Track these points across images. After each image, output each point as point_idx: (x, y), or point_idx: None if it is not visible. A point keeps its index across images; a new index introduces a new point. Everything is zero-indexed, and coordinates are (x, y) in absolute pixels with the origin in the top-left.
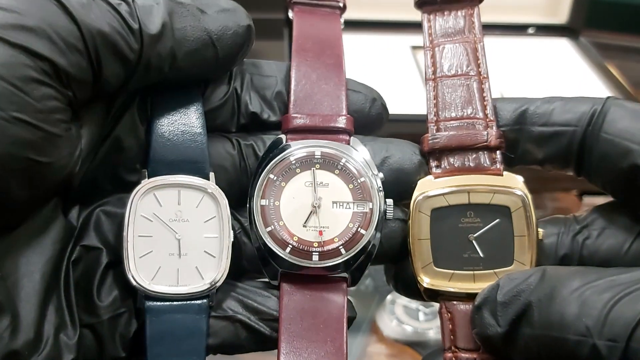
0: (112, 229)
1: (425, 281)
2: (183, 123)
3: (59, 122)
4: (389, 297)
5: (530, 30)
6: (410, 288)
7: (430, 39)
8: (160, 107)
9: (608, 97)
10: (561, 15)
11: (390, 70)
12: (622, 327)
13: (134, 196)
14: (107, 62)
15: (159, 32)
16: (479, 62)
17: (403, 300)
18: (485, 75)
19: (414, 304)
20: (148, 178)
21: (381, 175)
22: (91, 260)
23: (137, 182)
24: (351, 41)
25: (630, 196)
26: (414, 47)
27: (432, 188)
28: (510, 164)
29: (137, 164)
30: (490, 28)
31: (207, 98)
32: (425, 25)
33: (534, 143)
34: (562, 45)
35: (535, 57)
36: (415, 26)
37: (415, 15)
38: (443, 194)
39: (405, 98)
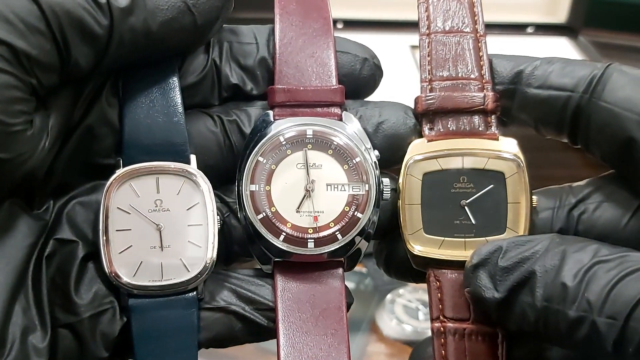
0: (89, 219)
1: (416, 249)
2: (158, 103)
3: (19, 114)
4: (388, 296)
5: (530, 30)
6: (402, 270)
7: None
8: (132, 86)
9: (610, 63)
10: (560, 14)
11: (389, 69)
12: (623, 304)
13: (108, 188)
14: (75, 42)
15: (130, 3)
16: (475, 18)
17: (403, 299)
18: (482, 33)
19: (413, 303)
20: (123, 166)
21: (376, 152)
22: (66, 254)
23: (113, 167)
24: None
25: (628, 169)
26: (413, 47)
27: (424, 151)
28: (504, 125)
29: (112, 152)
30: (489, 27)
31: (183, 73)
32: None
33: (527, 105)
34: (561, 44)
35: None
36: (414, 25)
37: (413, 14)
38: (436, 157)
39: (405, 98)
